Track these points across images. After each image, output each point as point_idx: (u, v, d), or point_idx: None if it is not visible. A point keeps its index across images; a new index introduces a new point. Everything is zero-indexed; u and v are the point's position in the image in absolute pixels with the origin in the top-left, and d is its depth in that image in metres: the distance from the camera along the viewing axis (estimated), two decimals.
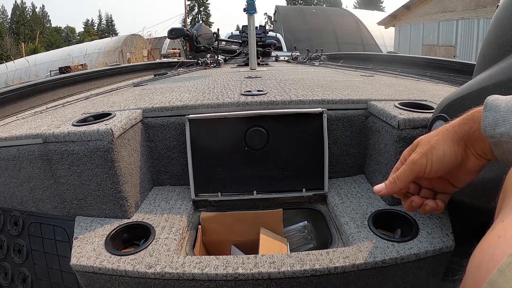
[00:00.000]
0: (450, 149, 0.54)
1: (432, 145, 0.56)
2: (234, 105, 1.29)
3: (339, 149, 1.32)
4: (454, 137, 0.54)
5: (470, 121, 0.52)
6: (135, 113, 1.24)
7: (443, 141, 0.55)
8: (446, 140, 0.55)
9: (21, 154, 1.14)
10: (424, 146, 0.57)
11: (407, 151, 0.61)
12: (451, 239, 0.96)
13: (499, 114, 0.46)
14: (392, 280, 0.96)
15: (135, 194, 1.18)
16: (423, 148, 0.57)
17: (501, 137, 0.46)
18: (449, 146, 0.54)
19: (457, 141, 0.54)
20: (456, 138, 0.54)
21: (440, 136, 0.55)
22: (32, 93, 1.91)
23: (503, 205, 0.41)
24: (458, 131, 0.53)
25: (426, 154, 0.56)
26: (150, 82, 2.30)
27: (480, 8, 10.83)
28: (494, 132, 0.46)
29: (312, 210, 1.26)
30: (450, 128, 0.55)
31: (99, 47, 15.64)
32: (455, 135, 0.54)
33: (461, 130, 0.53)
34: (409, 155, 0.60)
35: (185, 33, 3.10)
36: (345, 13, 20.50)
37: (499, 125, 0.46)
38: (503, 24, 0.81)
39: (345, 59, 3.38)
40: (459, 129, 0.53)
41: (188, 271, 0.89)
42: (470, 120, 0.52)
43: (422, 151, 0.56)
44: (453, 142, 0.54)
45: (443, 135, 0.55)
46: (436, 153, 0.55)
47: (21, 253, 1.23)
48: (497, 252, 0.34)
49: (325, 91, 1.47)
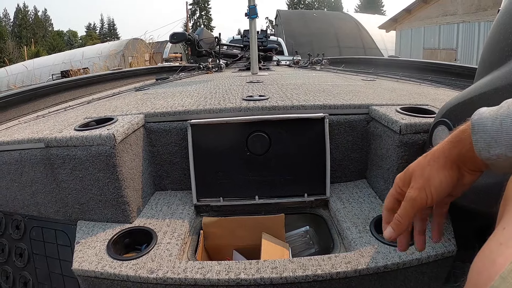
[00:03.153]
0: (446, 177, 0.55)
1: (427, 178, 0.56)
2: (236, 110, 1.30)
3: (341, 154, 1.32)
4: (447, 163, 0.54)
5: (458, 143, 0.52)
6: (137, 118, 1.24)
7: (437, 170, 0.55)
8: (440, 169, 0.55)
9: (23, 158, 1.15)
10: (420, 180, 0.57)
11: (400, 178, 0.62)
12: (453, 244, 0.96)
13: (489, 136, 0.46)
14: (394, 285, 0.95)
15: (137, 199, 1.18)
16: (419, 182, 0.57)
17: (498, 158, 0.46)
18: (444, 174, 0.55)
19: (450, 166, 0.54)
20: (448, 164, 0.54)
21: (433, 165, 0.56)
22: (34, 97, 1.91)
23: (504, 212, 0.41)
24: (449, 156, 0.54)
25: (424, 188, 0.56)
26: (152, 86, 2.30)
27: (481, 11, 10.84)
28: (490, 154, 0.46)
29: (314, 215, 1.26)
30: (440, 154, 0.55)
31: (100, 51, 15.68)
32: (447, 160, 0.54)
33: (452, 154, 0.54)
34: (402, 182, 0.61)
35: (186, 37, 3.11)
36: (346, 17, 20.59)
37: (492, 147, 0.46)
38: (504, 28, 0.82)
39: (347, 64, 3.38)
40: (450, 154, 0.54)
41: (190, 276, 0.89)
42: (458, 142, 0.52)
43: (419, 186, 0.57)
44: (447, 168, 0.55)
45: (434, 163, 0.56)
46: (434, 185, 0.55)
47: (23, 257, 1.23)
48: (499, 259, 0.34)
49: (326, 96, 1.47)
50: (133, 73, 3.10)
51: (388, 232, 0.62)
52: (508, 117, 0.44)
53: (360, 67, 2.98)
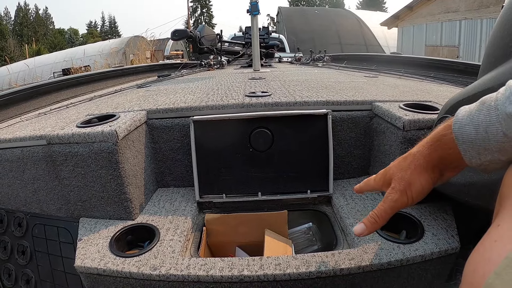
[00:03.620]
0: (427, 180, 0.56)
1: (408, 181, 0.57)
2: (238, 106, 1.29)
3: (344, 150, 1.31)
4: (428, 167, 0.55)
5: (439, 147, 0.52)
6: (139, 115, 1.24)
7: (417, 174, 0.56)
8: (421, 172, 0.56)
9: (25, 155, 1.15)
10: (401, 183, 0.58)
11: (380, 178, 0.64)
12: (456, 241, 0.95)
13: (477, 145, 0.45)
14: (398, 282, 0.95)
15: (140, 196, 1.18)
16: (400, 184, 0.58)
17: (490, 164, 0.46)
18: (425, 177, 0.56)
19: (432, 169, 0.55)
20: (429, 167, 0.55)
21: (413, 168, 0.56)
22: (36, 95, 1.91)
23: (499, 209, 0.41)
24: (430, 159, 0.54)
25: (405, 191, 0.57)
26: (154, 83, 2.30)
27: (483, 8, 10.81)
28: (481, 161, 0.46)
29: (317, 211, 1.25)
30: (420, 157, 0.55)
31: (101, 49, 15.68)
32: (427, 164, 0.55)
33: (433, 158, 0.54)
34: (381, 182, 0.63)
35: (188, 34, 3.10)
36: (348, 14, 20.55)
37: (483, 154, 0.45)
38: (508, 24, 0.81)
39: (349, 60, 3.37)
40: (430, 158, 0.54)
41: (193, 273, 0.89)
42: (439, 146, 0.52)
43: (401, 188, 0.58)
44: (428, 172, 0.55)
45: (415, 167, 0.56)
46: (415, 189, 0.57)
47: (25, 254, 1.23)
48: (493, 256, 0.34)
49: (329, 92, 1.47)
50: (135, 71, 3.10)
51: (360, 228, 0.65)
52: (492, 124, 0.43)
53: (363, 64, 2.97)
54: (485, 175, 0.61)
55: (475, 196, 0.80)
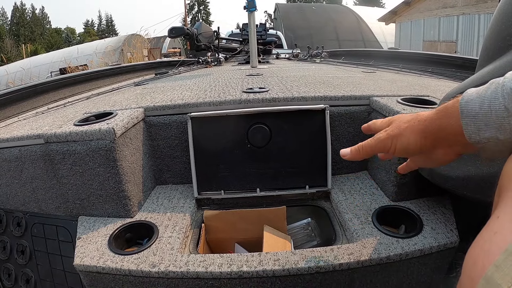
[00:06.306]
0: (416, 141, 0.56)
1: (401, 132, 0.58)
2: (236, 102, 1.29)
3: (342, 146, 1.31)
4: (424, 131, 0.55)
5: (442, 116, 0.52)
6: (136, 112, 1.23)
7: (411, 130, 0.57)
8: (414, 131, 0.57)
9: (23, 154, 1.14)
10: (395, 129, 0.60)
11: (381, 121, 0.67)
12: (455, 235, 0.95)
13: (479, 119, 0.45)
14: (397, 276, 0.95)
15: (138, 193, 1.18)
16: (393, 130, 0.60)
17: (488, 141, 0.46)
18: (415, 138, 0.56)
19: (425, 135, 0.55)
20: (425, 132, 0.55)
21: (411, 124, 0.58)
22: (33, 94, 1.90)
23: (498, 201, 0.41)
24: (429, 125, 0.54)
25: (392, 137, 0.59)
26: (151, 81, 2.29)
27: (481, 3, 10.81)
28: (480, 138, 0.46)
29: (316, 207, 1.25)
30: (423, 119, 0.56)
31: (96, 48, 15.63)
32: (425, 128, 0.55)
33: (433, 125, 0.54)
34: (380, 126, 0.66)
35: (185, 32, 3.09)
36: (345, 10, 20.53)
37: (482, 130, 0.45)
38: (506, 17, 0.80)
39: (346, 56, 3.37)
40: (430, 124, 0.54)
41: (192, 269, 0.89)
42: (442, 114, 0.52)
43: (391, 133, 0.60)
44: (421, 135, 0.56)
45: (413, 124, 0.57)
46: (401, 141, 0.58)
47: (24, 254, 1.23)
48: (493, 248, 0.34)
49: (327, 88, 1.46)
50: (132, 69, 3.09)
51: (345, 151, 0.70)
52: (496, 99, 0.43)
53: (360, 59, 2.97)
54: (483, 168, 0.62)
55: (473, 189, 0.79)
